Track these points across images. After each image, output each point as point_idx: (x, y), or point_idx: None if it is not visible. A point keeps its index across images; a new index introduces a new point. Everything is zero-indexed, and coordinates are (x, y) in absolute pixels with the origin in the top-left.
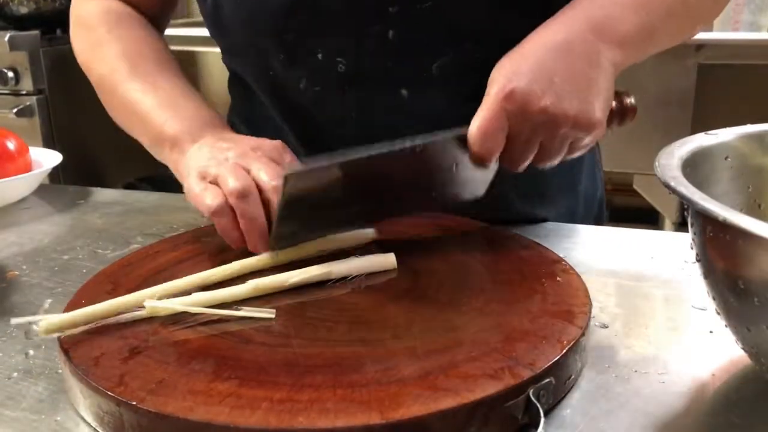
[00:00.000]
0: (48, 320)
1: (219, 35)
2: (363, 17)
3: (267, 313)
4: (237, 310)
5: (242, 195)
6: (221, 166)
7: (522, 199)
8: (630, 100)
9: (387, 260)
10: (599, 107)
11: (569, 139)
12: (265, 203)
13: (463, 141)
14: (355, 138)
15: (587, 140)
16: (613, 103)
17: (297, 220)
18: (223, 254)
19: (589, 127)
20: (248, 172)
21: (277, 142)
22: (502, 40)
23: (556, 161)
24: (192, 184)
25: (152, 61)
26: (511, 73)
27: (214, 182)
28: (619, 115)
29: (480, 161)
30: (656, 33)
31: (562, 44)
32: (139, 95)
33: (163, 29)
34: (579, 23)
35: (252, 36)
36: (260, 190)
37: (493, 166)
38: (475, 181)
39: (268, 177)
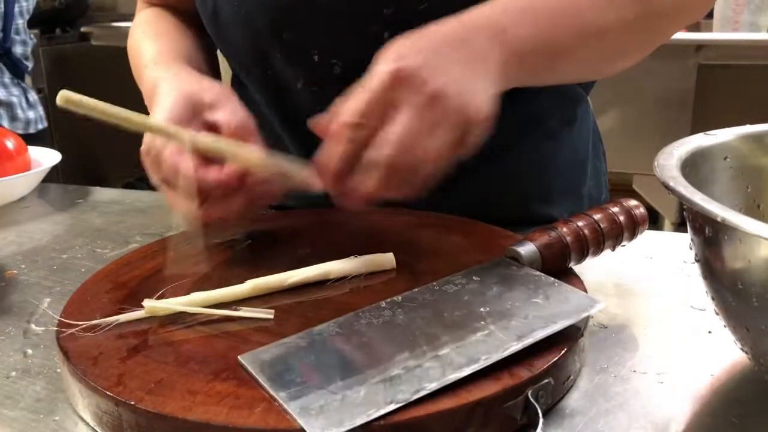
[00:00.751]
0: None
1: (219, 35)
2: (358, 18)
3: (265, 313)
4: (235, 310)
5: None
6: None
7: (526, 201)
8: (640, 211)
9: (386, 260)
10: (488, 102)
11: (458, 133)
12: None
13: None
14: None
15: (475, 136)
16: (622, 217)
17: None
18: (221, 253)
19: (478, 117)
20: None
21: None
22: None
23: (444, 155)
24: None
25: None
26: (403, 51)
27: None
28: (630, 227)
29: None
30: (563, 52)
31: (459, 38)
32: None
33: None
34: (480, 25)
35: (251, 35)
36: None
37: None
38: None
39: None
